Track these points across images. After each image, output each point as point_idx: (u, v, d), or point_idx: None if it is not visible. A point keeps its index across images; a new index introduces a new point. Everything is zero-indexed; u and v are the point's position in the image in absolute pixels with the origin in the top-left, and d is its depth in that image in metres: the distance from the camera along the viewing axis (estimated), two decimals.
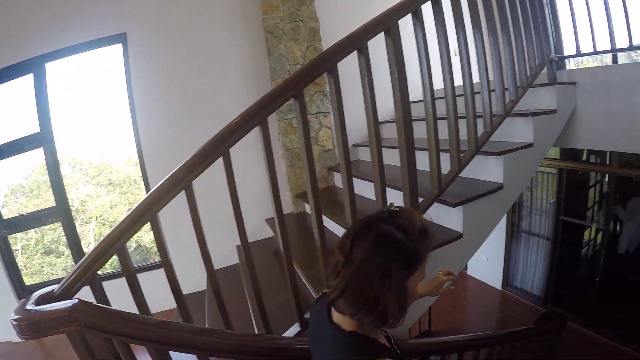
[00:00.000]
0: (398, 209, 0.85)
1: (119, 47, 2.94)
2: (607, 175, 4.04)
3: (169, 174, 1.27)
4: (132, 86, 2.94)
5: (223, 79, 3.06)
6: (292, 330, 1.53)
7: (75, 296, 1.12)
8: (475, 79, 1.73)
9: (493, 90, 1.84)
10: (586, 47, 2.31)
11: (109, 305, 1.21)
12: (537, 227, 4.82)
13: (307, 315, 1.51)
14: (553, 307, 4.51)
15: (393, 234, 0.78)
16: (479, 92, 1.76)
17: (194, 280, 2.38)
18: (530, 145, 1.94)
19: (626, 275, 4.56)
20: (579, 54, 2.32)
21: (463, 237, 1.72)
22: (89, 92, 4.14)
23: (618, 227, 4.84)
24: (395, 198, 1.72)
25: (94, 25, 2.81)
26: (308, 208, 2.92)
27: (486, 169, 1.89)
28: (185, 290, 1.44)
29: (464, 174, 1.78)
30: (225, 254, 2.97)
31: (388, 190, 1.57)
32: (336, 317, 0.87)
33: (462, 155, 1.71)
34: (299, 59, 2.99)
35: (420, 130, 1.67)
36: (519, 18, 2.01)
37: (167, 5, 2.91)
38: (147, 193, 1.31)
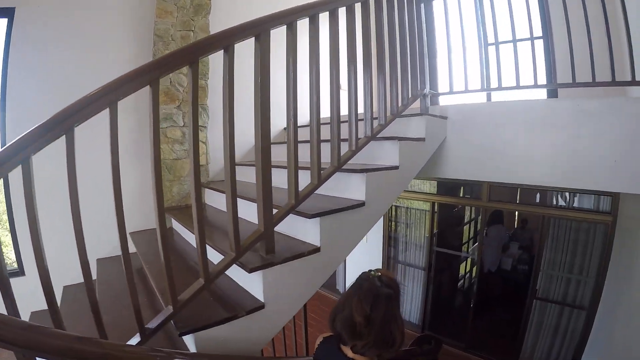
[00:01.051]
0: (379, 274, 1.19)
1: (3, 22, 2.63)
2: (480, 213, 4.53)
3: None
4: (7, 70, 2.62)
5: (104, 77, 2.82)
6: (133, 341, 1.38)
7: None
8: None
9: (362, 120, 1.94)
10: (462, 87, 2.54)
11: None
12: (412, 259, 5.17)
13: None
14: (429, 331, 4.79)
15: (391, 292, 1.15)
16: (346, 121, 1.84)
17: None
18: (395, 167, 2.05)
19: (493, 295, 5.17)
20: (451, 92, 2.56)
21: (321, 250, 1.71)
22: None
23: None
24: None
25: None
26: (175, 223, 2.79)
27: (350, 187, 1.94)
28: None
29: (328, 192, 1.82)
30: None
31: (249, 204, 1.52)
32: (351, 354, 1.18)
33: (322, 171, 1.74)
34: (183, 69, 2.90)
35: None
36: (396, 55, 2.17)
37: None
38: None
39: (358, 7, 1.88)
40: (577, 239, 3.68)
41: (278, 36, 1.58)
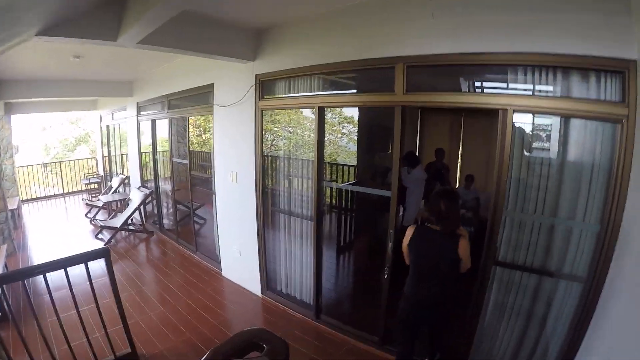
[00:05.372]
0: (447, 187, 3.71)
1: None
2: (395, 118, 2.61)
3: None
4: None
5: None
6: None
7: None
8: None
9: None
10: None
11: None
12: (299, 208, 3.60)
13: None
14: (327, 317, 3.36)
15: (454, 195, 2.14)
16: None
17: None
18: None
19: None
20: None
21: None
22: None
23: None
24: None
25: None
26: None
27: None
28: None
29: None
30: None
31: None
32: (436, 227, 2.07)
33: None
34: None
35: None
36: None
37: None
38: None
39: None
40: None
41: None
